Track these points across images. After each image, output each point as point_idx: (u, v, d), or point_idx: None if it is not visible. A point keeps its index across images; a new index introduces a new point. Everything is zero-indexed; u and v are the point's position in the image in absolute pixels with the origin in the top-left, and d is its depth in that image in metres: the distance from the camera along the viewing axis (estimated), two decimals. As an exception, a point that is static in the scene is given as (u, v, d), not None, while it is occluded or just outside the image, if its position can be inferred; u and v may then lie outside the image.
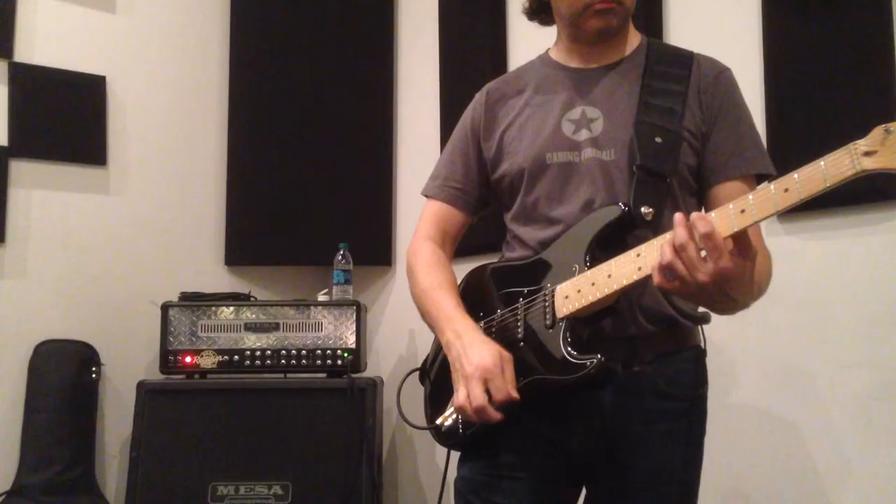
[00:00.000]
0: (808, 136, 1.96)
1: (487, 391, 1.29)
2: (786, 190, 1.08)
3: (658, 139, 1.37)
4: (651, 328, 1.38)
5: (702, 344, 1.46)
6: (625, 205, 1.33)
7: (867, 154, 1.01)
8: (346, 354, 2.78)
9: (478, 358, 1.31)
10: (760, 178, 1.43)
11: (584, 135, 1.43)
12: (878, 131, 1.02)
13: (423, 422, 1.53)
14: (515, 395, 1.29)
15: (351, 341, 2.80)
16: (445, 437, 1.47)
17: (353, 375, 2.72)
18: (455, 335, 1.38)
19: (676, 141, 1.38)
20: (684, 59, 1.46)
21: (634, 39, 1.52)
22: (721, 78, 1.45)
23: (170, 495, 2.59)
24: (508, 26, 2.92)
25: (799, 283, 1.99)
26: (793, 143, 1.96)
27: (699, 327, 1.46)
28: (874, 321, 1.87)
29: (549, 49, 1.59)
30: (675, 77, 1.43)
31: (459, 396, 1.31)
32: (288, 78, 3.34)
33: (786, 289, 2.04)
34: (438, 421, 1.45)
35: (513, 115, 1.52)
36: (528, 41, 2.83)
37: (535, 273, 1.42)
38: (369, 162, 3.39)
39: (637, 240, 1.27)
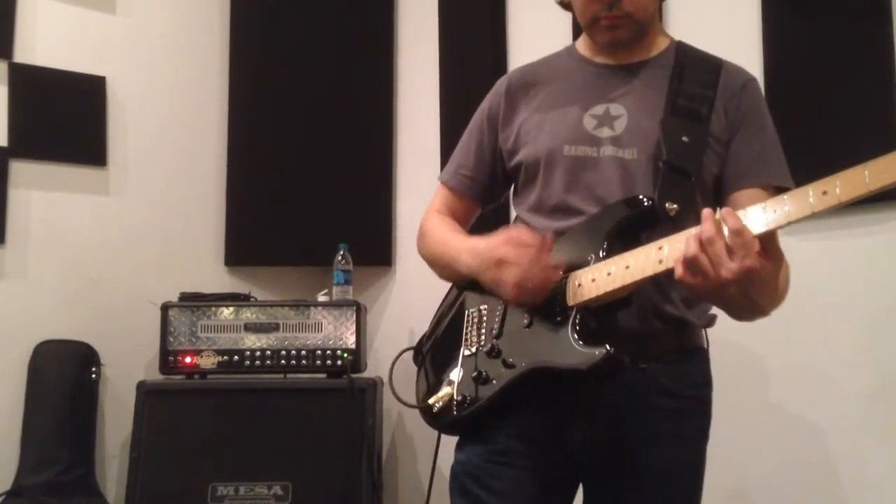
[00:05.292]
0: (808, 136, 1.96)
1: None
2: (824, 192, 1.02)
3: (685, 138, 1.36)
4: (660, 326, 1.37)
5: (706, 346, 1.46)
6: (648, 198, 1.31)
7: None
8: (345, 355, 2.77)
9: (495, 253, 1.34)
10: (778, 192, 1.39)
11: (605, 132, 1.41)
12: None
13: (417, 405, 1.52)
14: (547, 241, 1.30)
15: (351, 342, 2.79)
16: (438, 418, 1.44)
17: (353, 376, 2.72)
18: (472, 257, 1.41)
19: (703, 142, 1.37)
20: (713, 65, 1.45)
21: (663, 41, 1.50)
22: (748, 87, 1.44)
23: (170, 496, 2.59)
24: (509, 26, 2.92)
25: (799, 284, 1.98)
26: (793, 143, 1.95)
27: (703, 330, 1.45)
28: (874, 321, 1.87)
29: (576, 42, 1.57)
30: (703, 82, 1.42)
31: (521, 299, 1.33)
32: (288, 78, 3.33)
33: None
34: (431, 401, 1.43)
35: (534, 105, 1.50)
36: (529, 41, 2.84)
37: None
38: (369, 162, 3.39)
39: (655, 238, 1.23)
